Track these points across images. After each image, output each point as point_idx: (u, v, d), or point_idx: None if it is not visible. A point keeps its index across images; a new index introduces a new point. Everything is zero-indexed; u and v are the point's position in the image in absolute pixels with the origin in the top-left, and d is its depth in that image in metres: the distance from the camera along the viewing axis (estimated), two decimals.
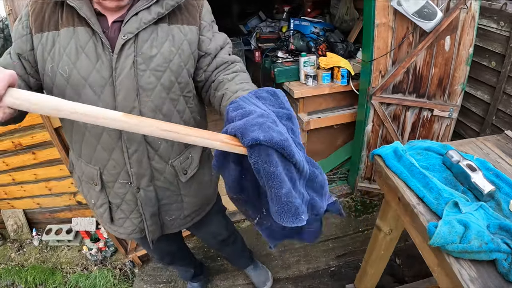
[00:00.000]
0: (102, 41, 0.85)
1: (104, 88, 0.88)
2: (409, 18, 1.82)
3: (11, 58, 0.91)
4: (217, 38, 1.00)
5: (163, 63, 0.90)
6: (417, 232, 1.09)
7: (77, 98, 0.87)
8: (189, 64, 0.95)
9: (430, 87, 2.00)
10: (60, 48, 0.86)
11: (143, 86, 0.89)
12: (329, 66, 2.13)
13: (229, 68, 0.98)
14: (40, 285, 2.37)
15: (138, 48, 0.87)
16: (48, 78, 0.90)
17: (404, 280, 1.98)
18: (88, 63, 0.86)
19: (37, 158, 2.33)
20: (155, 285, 2.08)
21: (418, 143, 1.39)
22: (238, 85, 0.88)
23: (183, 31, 0.93)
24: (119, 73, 0.86)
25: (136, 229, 1.13)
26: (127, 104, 0.89)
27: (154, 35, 0.89)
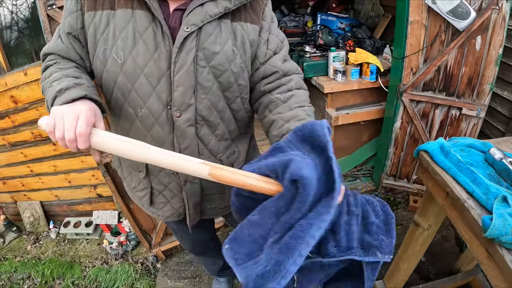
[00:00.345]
0: (163, 29, 0.79)
1: (161, 80, 0.83)
2: (443, 17, 1.82)
3: (63, 42, 0.86)
4: (270, 40, 0.92)
5: (224, 62, 0.84)
6: (466, 226, 1.10)
7: (130, 87, 0.83)
8: (249, 65, 0.90)
9: (459, 86, 2.00)
10: (115, 31, 0.80)
11: (201, 83, 0.85)
12: (358, 61, 2.12)
13: (282, 83, 0.91)
14: (57, 279, 2.33)
15: (200, 42, 0.81)
16: (98, 61, 0.84)
17: (429, 277, 1.98)
18: (145, 51, 0.80)
19: (58, 150, 2.29)
20: (180, 280, 2.06)
21: (460, 140, 1.40)
22: (293, 110, 0.84)
23: (245, 29, 0.87)
24: (179, 68, 0.81)
25: (175, 213, 1.11)
26: (183, 101, 0.84)
27: (218, 31, 0.83)
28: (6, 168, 2.52)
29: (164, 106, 0.85)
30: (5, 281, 2.44)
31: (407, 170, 2.33)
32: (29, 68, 1.98)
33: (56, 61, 0.87)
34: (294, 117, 0.82)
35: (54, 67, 0.85)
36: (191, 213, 1.10)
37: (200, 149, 0.95)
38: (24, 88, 2.06)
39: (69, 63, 0.87)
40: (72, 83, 0.76)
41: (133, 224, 1.93)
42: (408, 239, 1.56)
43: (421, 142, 2.17)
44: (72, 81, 0.77)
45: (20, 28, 2.13)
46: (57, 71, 0.83)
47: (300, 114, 0.83)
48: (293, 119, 0.82)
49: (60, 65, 0.86)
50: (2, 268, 2.49)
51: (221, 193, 1.11)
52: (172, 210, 1.11)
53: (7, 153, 2.43)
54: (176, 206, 1.09)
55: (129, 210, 1.90)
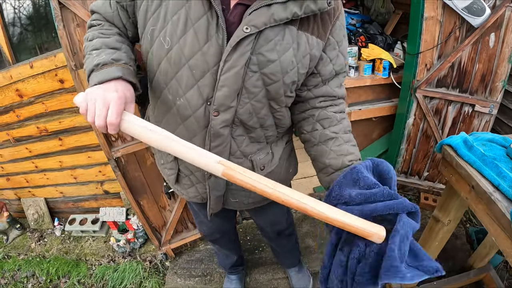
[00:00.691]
0: (219, 21, 0.73)
1: (205, 74, 0.78)
2: (458, 13, 1.81)
3: (111, 6, 0.85)
4: (338, 61, 0.86)
5: (277, 72, 0.78)
6: (492, 219, 1.10)
7: (172, 75, 0.80)
8: (301, 80, 0.85)
9: (473, 83, 2.00)
10: (166, 14, 0.75)
11: (248, 88, 0.79)
12: (370, 57, 2.10)
13: (336, 103, 0.90)
14: (63, 277, 2.28)
15: (257, 46, 0.74)
16: (146, 41, 0.81)
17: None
18: (194, 42, 0.75)
19: (64, 145, 2.24)
20: (190, 278, 2.02)
21: (482, 134, 1.40)
22: (347, 134, 0.88)
23: (310, 42, 0.79)
24: (228, 68, 0.75)
25: (199, 196, 1.11)
26: (224, 102, 0.80)
27: (280, 38, 0.75)
28: (10, 164, 2.47)
29: (203, 101, 0.82)
30: (9, 279, 2.39)
31: (419, 167, 2.31)
32: (35, 61, 1.94)
33: (100, 23, 0.86)
34: (349, 141, 0.87)
35: (97, 30, 0.85)
36: (212, 203, 1.09)
37: (232, 149, 0.93)
38: (30, 81, 2.02)
39: (112, 29, 0.86)
40: (110, 59, 0.75)
41: (143, 221, 1.90)
42: (427, 234, 1.55)
43: (434, 139, 2.16)
44: (110, 56, 0.76)
45: (26, 23, 2.09)
46: (98, 37, 0.82)
47: (352, 139, 0.88)
48: (349, 143, 0.87)
49: (103, 30, 0.85)
50: (6, 266, 2.43)
51: (246, 191, 1.09)
52: (196, 192, 1.10)
53: (11, 148, 2.38)
54: (200, 191, 1.09)
55: (139, 207, 1.86)
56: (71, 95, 2.00)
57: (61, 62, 1.89)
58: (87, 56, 0.80)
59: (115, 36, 0.84)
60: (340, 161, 0.83)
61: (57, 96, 2.04)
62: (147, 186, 1.83)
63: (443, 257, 2.02)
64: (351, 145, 0.87)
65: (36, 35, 2.12)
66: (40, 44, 2.12)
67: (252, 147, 0.96)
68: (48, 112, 2.13)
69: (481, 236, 2.02)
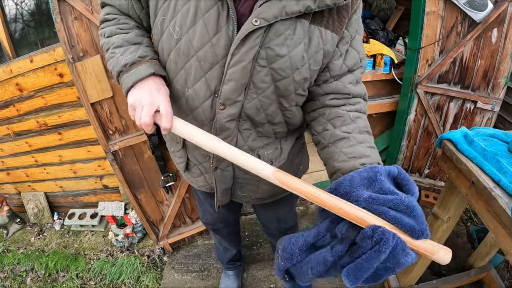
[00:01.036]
0: (229, 12, 0.70)
1: (214, 66, 0.76)
2: (460, 8, 1.79)
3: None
4: (349, 55, 0.81)
5: (287, 68, 0.75)
6: (492, 216, 1.09)
7: (181, 66, 0.79)
8: (314, 77, 0.81)
9: (475, 79, 1.97)
10: (177, 3, 0.73)
11: (255, 83, 0.77)
12: (371, 53, 2.08)
13: (350, 102, 0.83)
14: (61, 271, 2.29)
15: (266, 40, 0.72)
16: (156, 30, 0.79)
17: (441, 273, 1.95)
18: (203, 33, 0.72)
19: (63, 139, 2.24)
20: (187, 273, 2.01)
21: (483, 129, 1.38)
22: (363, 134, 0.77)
23: (324, 37, 0.75)
24: (235, 62, 0.73)
25: (207, 186, 1.11)
26: (230, 96, 0.78)
27: (290, 32, 0.72)
28: (10, 158, 2.48)
29: (211, 93, 0.80)
30: (8, 273, 2.40)
31: (420, 164, 2.29)
32: (35, 55, 1.94)
33: (115, 18, 0.85)
34: (365, 142, 0.76)
35: (114, 25, 0.84)
36: (219, 196, 1.08)
37: (238, 143, 0.91)
38: (30, 76, 2.02)
39: (129, 22, 0.85)
40: (137, 57, 0.78)
41: (141, 215, 1.89)
42: None
43: (435, 135, 2.14)
44: (136, 53, 0.79)
45: (27, 18, 2.09)
46: (118, 33, 0.83)
47: (369, 140, 0.78)
48: (364, 144, 0.76)
49: (120, 25, 0.84)
50: (5, 260, 2.44)
51: (254, 185, 1.08)
52: (205, 182, 1.10)
53: (11, 142, 2.39)
54: (209, 181, 1.09)
55: (137, 201, 1.85)
56: (70, 89, 2.00)
57: (60, 56, 1.89)
58: (110, 54, 0.81)
59: (134, 30, 0.84)
60: (351, 164, 0.73)
61: (57, 90, 2.04)
62: (145, 180, 1.82)
63: None
64: (367, 147, 0.76)
65: (37, 30, 2.12)
66: (42, 40, 2.12)
67: (260, 141, 0.94)
68: (47, 106, 2.13)
69: (482, 235, 2.00)
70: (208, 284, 1.94)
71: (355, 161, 0.73)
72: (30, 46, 2.11)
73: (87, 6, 1.39)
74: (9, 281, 2.33)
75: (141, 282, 2.07)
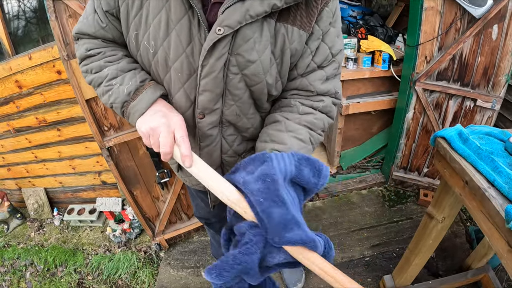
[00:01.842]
0: (200, 20, 0.68)
1: (191, 77, 0.75)
2: (459, 3, 1.75)
3: (101, 20, 0.77)
4: (319, 50, 0.76)
5: (260, 72, 0.73)
6: (485, 217, 1.06)
7: (162, 78, 0.77)
8: (285, 76, 0.79)
9: (474, 76, 1.93)
10: (148, 17, 0.71)
11: (231, 90, 0.76)
12: (370, 49, 2.06)
13: (310, 98, 0.80)
14: (60, 266, 2.32)
15: (235, 47, 0.69)
16: (132, 45, 0.77)
17: (438, 273, 1.93)
18: (177, 44, 0.71)
19: (62, 135, 2.26)
20: (182, 269, 2.02)
21: (479, 127, 1.35)
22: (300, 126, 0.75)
23: (290, 35, 0.71)
24: (206, 73, 0.71)
25: (201, 184, 1.08)
26: (207, 105, 0.77)
27: (258, 35, 0.69)
28: (11, 154, 2.51)
29: (191, 103, 0.79)
30: (8, 267, 2.43)
31: (418, 163, 2.26)
32: (34, 52, 1.95)
33: (100, 52, 0.79)
34: (296, 133, 0.74)
35: (100, 60, 0.79)
36: (213, 196, 1.06)
37: (223, 149, 0.90)
38: (29, 73, 2.03)
39: (116, 51, 0.81)
40: (139, 83, 0.76)
41: (137, 211, 1.90)
42: (421, 232, 1.50)
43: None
44: (136, 80, 0.76)
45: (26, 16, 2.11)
46: (108, 65, 0.78)
47: (303, 135, 0.75)
48: (293, 134, 0.74)
49: (107, 57, 0.79)
50: (6, 255, 2.48)
51: None
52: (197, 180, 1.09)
53: (11, 139, 2.41)
54: None
55: (133, 197, 1.86)
56: (68, 86, 2.01)
57: (58, 54, 1.90)
58: (106, 88, 0.77)
59: (124, 59, 0.80)
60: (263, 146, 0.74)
61: (55, 87, 2.05)
62: (140, 176, 1.83)
63: (441, 256, 1.98)
64: (293, 137, 0.74)
65: (36, 28, 2.14)
66: (43, 37, 2.14)
67: (246, 145, 0.93)
68: (46, 103, 2.15)
69: (481, 236, 1.97)
70: (203, 280, 1.94)
71: (269, 144, 0.74)
72: (29, 43, 2.13)
73: (81, 4, 1.39)
74: (9, 275, 2.37)
75: (138, 277, 2.09)
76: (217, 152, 0.89)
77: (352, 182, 2.41)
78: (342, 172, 2.49)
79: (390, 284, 1.74)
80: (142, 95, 0.74)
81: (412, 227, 2.09)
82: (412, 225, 2.11)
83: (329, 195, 2.37)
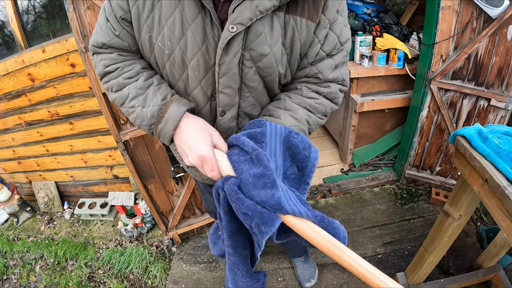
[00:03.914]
0: (212, 18, 0.70)
1: (207, 74, 0.77)
2: (476, 3, 1.76)
3: (114, 28, 0.77)
4: (327, 40, 0.78)
5: (272, 64, 0.76)
6: (505, 215, 1.06)
7: (178, 78, 0.80)
8: (295, 65, 0.82)
9: (489, 76, 1.94)
10: (160, 18, 0.72)
11: (247, 83, 0.79)
12: (385, 47, 2.06)
13: (318, 84, 0.83)
14: (70, 260, 2.32)
15: (247, 43, 0.72)
16: (145, 48, 0.78)
17: (450, 272, 1.94)
18: (193, 43, 0.72)
19: (75, 129, 2.26)
20: (195, 265, 2.03)
21: (497, 127, 1.35)
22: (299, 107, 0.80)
23: (298, 26, 0.74)
24: (225, 72, 0.74)
25: (210, 179, 1.10)
26: (228, 102, 0.80)
27: (269, 29, 0.72)
28: (22, 147, 2.51)
29: (208, 99, 0.82)
30: (17, 260, 2.44)
31: (431, 161, 2.27)
32: (47, 45, 1.95)
33: (118, 67, 0.80)
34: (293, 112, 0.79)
35: (120, 76, 0.80)
36: None
37: None
38: (42, 66, 2.03)
39: (134, 65, 0.81)
40: (160, 102, 0.76)
41: (151, 206, 1.90)
42: (436, 229, 1.51)
43: (447, 132, 2.11)
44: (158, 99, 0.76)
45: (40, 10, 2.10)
46: (127, 83, 0.79)
47: (300, 115, 0.80)
48: (290, 112, 0.79)
49: (125, 73, 0.80)
50: (15, 248, 2.48)
51: None
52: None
53: (23, 132, 2.41)
54: None
55: (147, 191, 1.87)
56: (82, 79, 2.01)
57: (72, 47, 1.90)
58: (129, 109, 0.79)
59: (142, 74, 0.80)
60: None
61: (68, 80, 2.05)
62: (155, 170, 1.83)
63: (452, 255, 1.99)
64: (289, 115, 0.80)
65: (49, 22, 2.14)
66: (53, 31, 2.13)
67: None
68: (59, 96, 2.14)
69: (492, 235, 1.98)
70: (216, 276, 1.95)
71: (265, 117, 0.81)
72: (42, 37, 2.12)
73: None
74: (18, 269, 2.37)
75: (149, 272, 2.09)
76: None
77: (365, 180, 2.42)
78: (355, 170, 2.50)
79: (403, 282, 1.75)
80: (167, 116, 0.74)
81: (424, 226, 2.10)
82: (424, 223, 2.12)
83: (341, 192, 2.38)
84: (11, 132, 2.45)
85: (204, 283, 1.92)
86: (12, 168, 2.71)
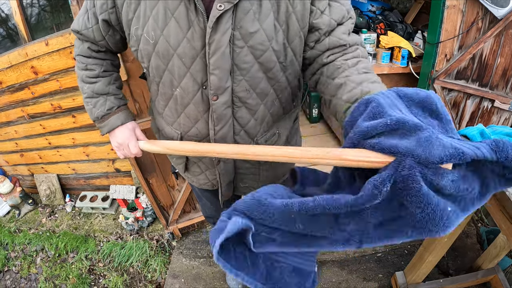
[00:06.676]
0: (196, 5, 0.71)
1: (195, 60, 0.78)
2: (481, 3, 1.74)
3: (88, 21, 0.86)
4: (333, 10, 0.77)
5: (264, 41, 0.75)
6: (505, 216, 1.07)
7: (164, 68, 0.81)
8: (295, 41, 0.79)
9: (493, 77, 1.93)
10: (146, 9, 0.75)
11: (238, 64, 0.78)
12: (389, 45, 2.05)
13: (347, 52, 0.78)
14: (71, 252, 2.34)
15: (236, 21, 0.73)
16: (133, 40, 0.82)
17: (449, 272, 1.94)
18: (177, 31, 0.74)
19: (77, 122, 2.27)
20: (195, 259, 2.04)
21: (499, 128, 1.35)
22: (362, 75, 0.69)
23: (291, 1, 0.74)
24: (214, 50, 0.74)
25: (209, 183, 1.12)
26: (220, 84, 0.79)
27: (257, 6, 0.72)
28: (24, 140, 2.52)
29: (199, 86, 0.82)
30: (19, 252, 2.46)
31: None
32: (51, 38, 1.95)
33: (84, 63, 0.93)
34: (367, 80, 0.67)
35: (83, 70, 0.94)
36: (223, 190, 1.10)
37: (235, 130, 0.92)
38: (45, 59, 2.03)
39: (96, 65, 0.93)
40: (106, 111, 0.95)
41: (152, 200, 1.91)
42: None
43: None
44: (104, 107, 0.94)
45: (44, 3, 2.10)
46: (87, 82, 0.94)
47: (372, 77, 0.68)
48: (366, 81, 0.66)
49: (88, 71, 0.93)
50: (17, 240, 2.50)
51: (255, 174, 1.09)
52: (206, 179, 1.11)
53: (25, 124, 2.42)
54: (210, 178, 1.10)
55: (148, 185, 1.87)
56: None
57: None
58: (85, 100, 0.96)
59: (100, 79, 0.94)
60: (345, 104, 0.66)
61: (71, 73, 2.05)
62: (157, 164, 1.84)
63: (452, 255, 1.99)
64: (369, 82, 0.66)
65: (53, 15, 2.14)
66: (57, 24, 2.13)
67: (258, 127, 0.94)
68: (62, 89, 2.15)
69: (492, 237, 1.98)
70: (215, 270, 1.96)
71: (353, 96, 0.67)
72: (45, 30, 2.12)
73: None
74: (19, 260, 2.39)
75: (149, 265, 2.11)
76: (230, 133, 0.91)
77: None
78: None
79: (401, 281, 1.75)
80: (107, 121, 0.95)
81: None
82: None
83: None
84: (14, 124, 2.46)
85: (204, 278, 1.93)
86: (14, 160, 2.72)
